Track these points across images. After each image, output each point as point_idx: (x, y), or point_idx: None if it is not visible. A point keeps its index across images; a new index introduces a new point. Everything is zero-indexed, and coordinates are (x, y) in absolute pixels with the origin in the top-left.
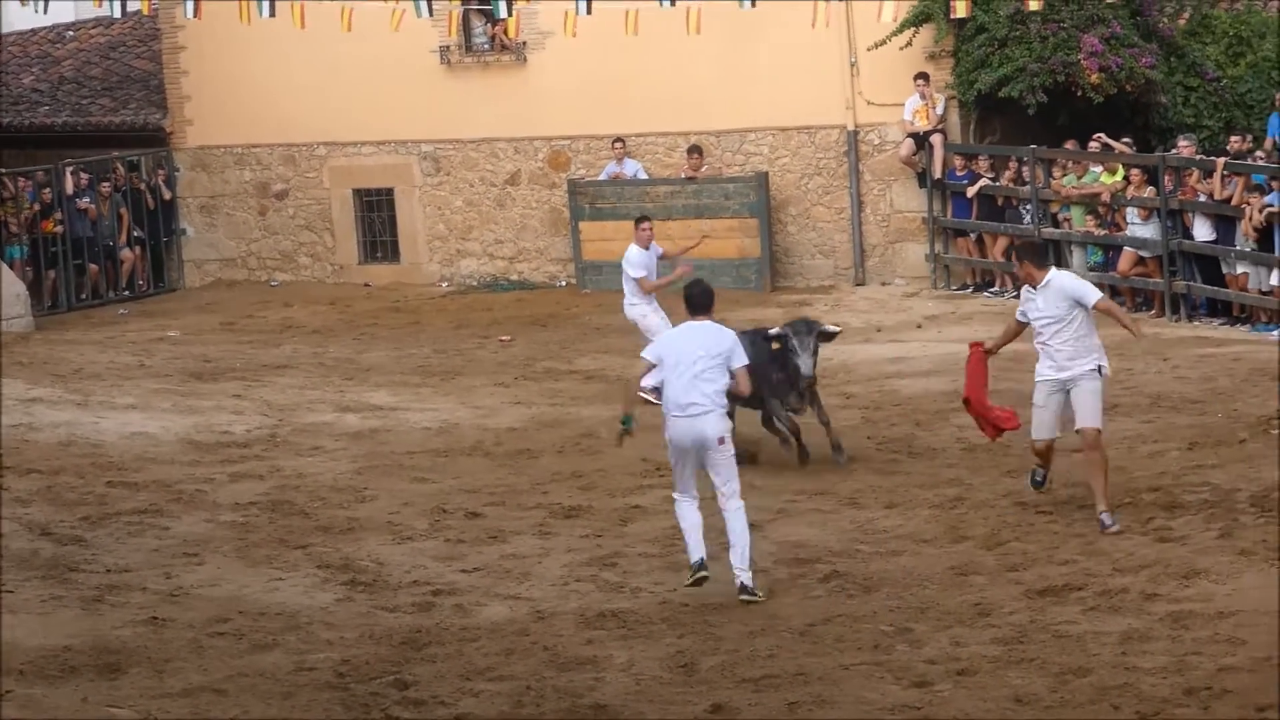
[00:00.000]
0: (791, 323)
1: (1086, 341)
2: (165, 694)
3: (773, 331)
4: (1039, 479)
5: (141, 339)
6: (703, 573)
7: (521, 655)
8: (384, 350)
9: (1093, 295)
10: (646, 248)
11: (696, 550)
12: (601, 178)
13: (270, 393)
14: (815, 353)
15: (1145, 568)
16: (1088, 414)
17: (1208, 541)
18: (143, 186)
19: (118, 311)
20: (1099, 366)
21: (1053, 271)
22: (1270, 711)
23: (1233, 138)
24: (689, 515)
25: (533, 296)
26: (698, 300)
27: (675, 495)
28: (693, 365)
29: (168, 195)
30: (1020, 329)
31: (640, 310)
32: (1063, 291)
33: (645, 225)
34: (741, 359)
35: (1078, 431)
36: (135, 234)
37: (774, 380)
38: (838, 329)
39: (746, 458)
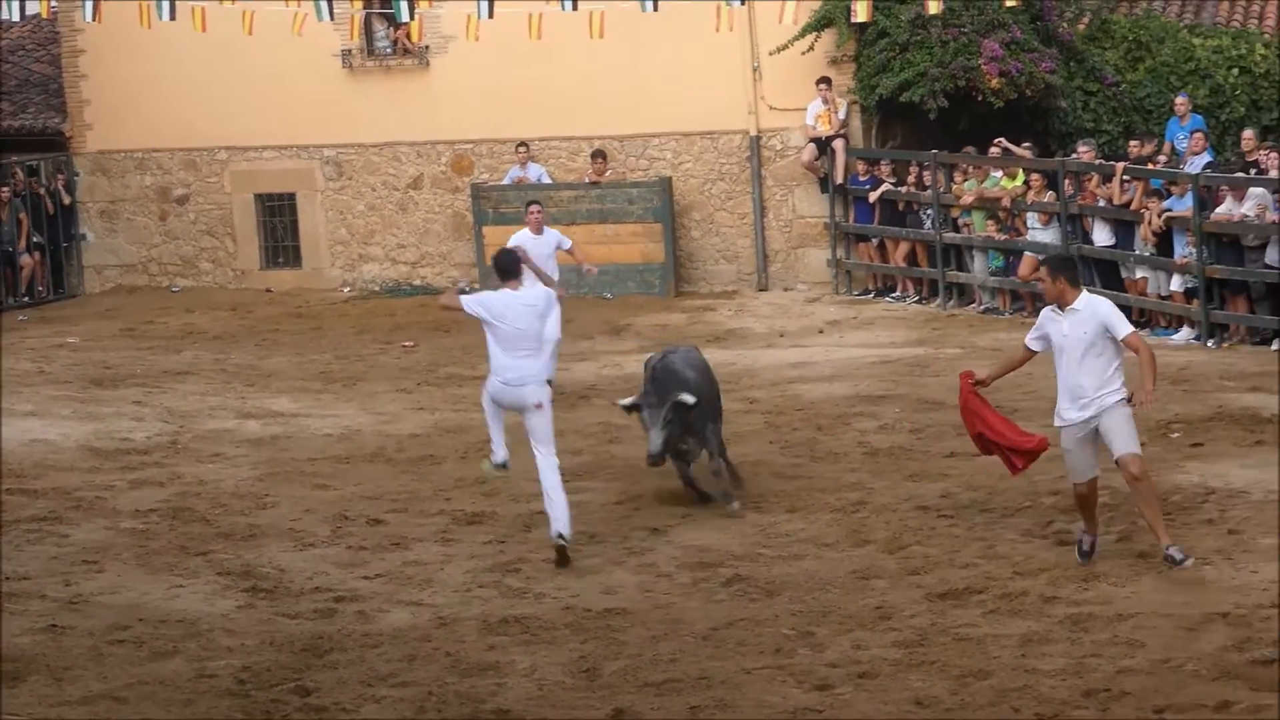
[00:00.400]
0: (644, 391)
1: (1112, 374)
2: (65, 701)
3: (624, 402)
4: (1086, 548)
5: (41, 345)
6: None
7: (424, 661)
8: (286, 356)
9: (1126, 327)
10: (538, 232)
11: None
12: (505, 182)
13: (171, 399)
14: (667, 424)
15: (1045, 571)
16: (1123, 440)
17: (1107, 545)
18: (42, 191)
19: (17, 318)
20: (1127, 397)
21: (1086, 294)
22: (1169, 713)
23: (1132, 142)
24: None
25: (435, 302)
26: (506, 267)
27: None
28: (520, 341)
29: (67, 200)
30: (1026, 358)
31: None
32: (1096, 317)
33: (534, 209)
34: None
35: (1116, 463)
36: (35, 239)
37: None
38: (693, 400)
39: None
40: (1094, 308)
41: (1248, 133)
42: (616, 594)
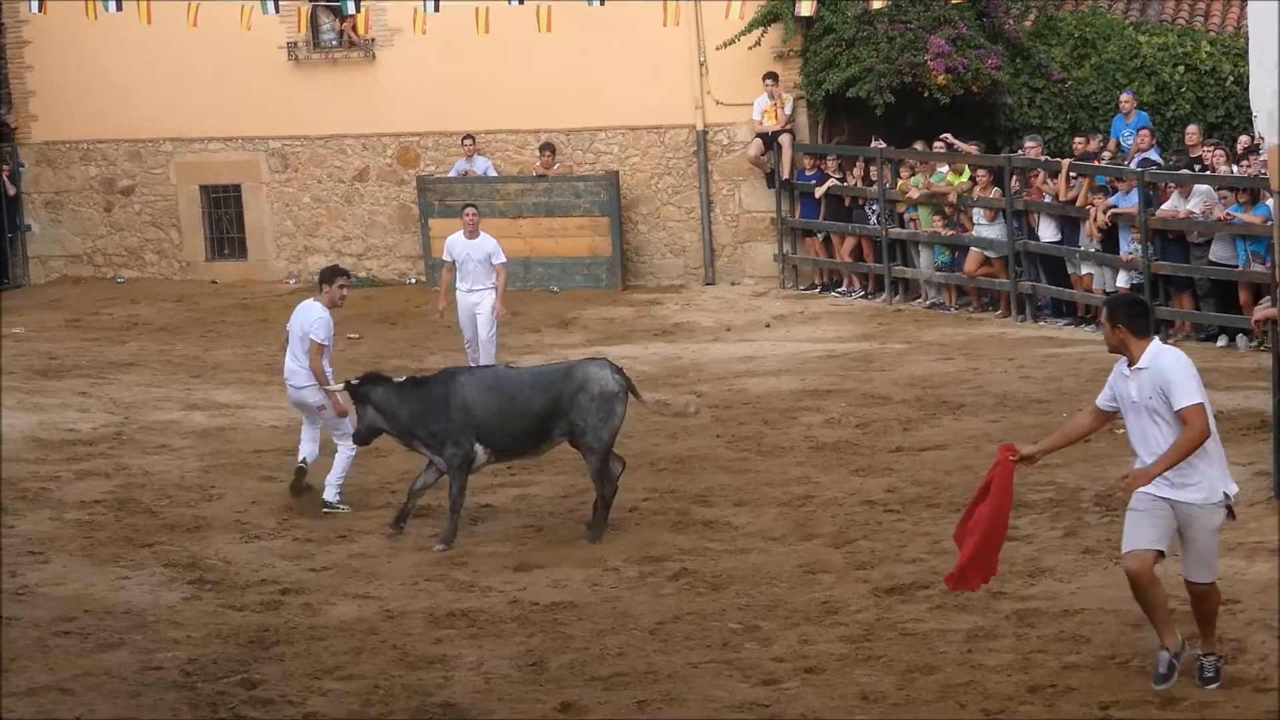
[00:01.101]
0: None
1: (1203, 456)
2: (10, 693)
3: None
4: (1164, 670)
5: None
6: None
7: (370, 654)
8: (231, 348)
9: (1185, 397)
10: (473, 236)
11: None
12: (451, 174)
13: (116, 390)
14: (362, 400)
15: None
16: (1200, 565)
17: (1053, 540)
18: None
19: None
20: (1224, 495)
21: (1154, 345)
22: (1114, 709)
23: (1077, 139)
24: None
25: (381, 294)
26: (321, 277)
27: None
28: (291, 340)
29: (12, 191)
30: (1096, 425)
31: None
32: (1160, 376)
33: (470, 212)
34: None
35: (1187, 582)
36: None
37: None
38: (358, 381)
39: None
40: (1158, 365)
41: (1192, 128)
42: (563, 588)
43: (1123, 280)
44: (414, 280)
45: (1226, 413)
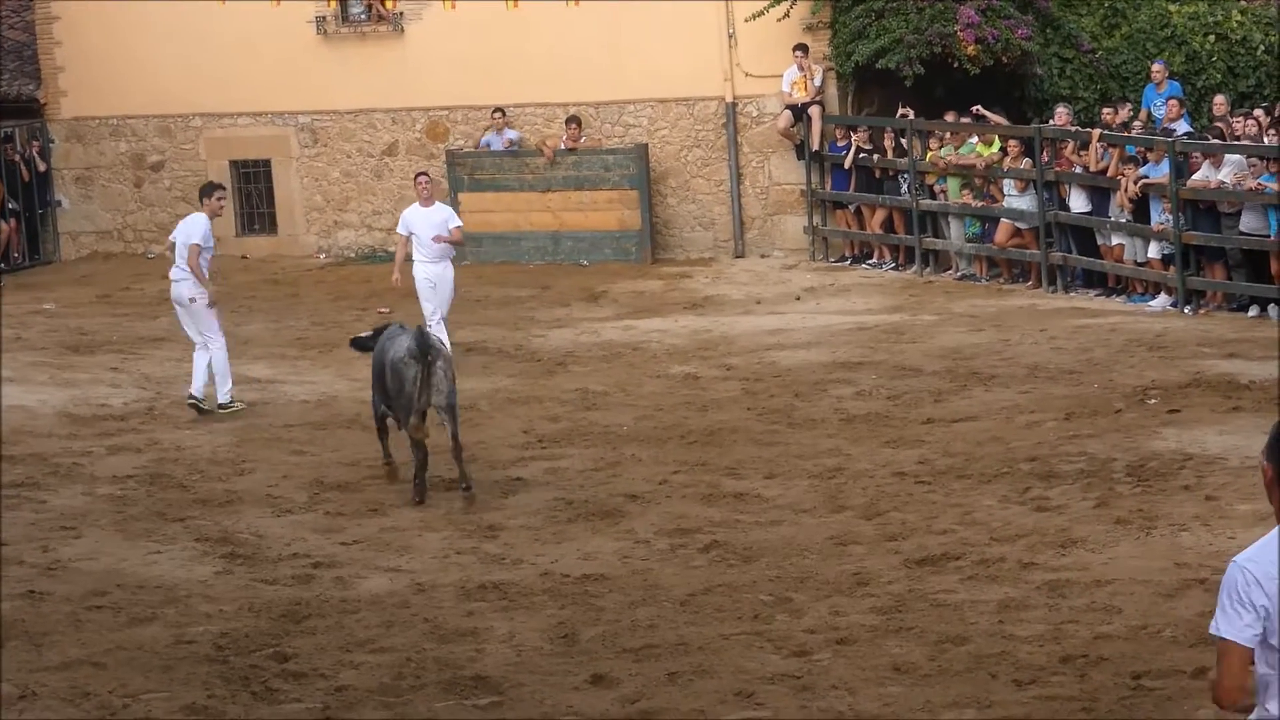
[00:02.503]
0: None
1: None
2: (43, 668)
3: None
4: None
5: (17, 312)
6: (192, 401)
7: (402, 627)
8: (262, 323)
9: None
10: (427, 205)
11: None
12: (482, 144)
13: (148, 365)
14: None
15: (1022, 537)
16: None
17: (1084, 511)
18: (17, 158)
19: None
20: None
21: None
22: (1146, 679)
23: (1106, 110)
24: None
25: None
26: (201, 191)
27: None
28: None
29: (42, 167)
30: None
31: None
32: None
33: (422, 179)
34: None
35: None
36: (10, 206)
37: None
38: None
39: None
40: None
41: (1219, 99)
42: (594, 560)
43: (1153, 250)
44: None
45: (1259, 383)
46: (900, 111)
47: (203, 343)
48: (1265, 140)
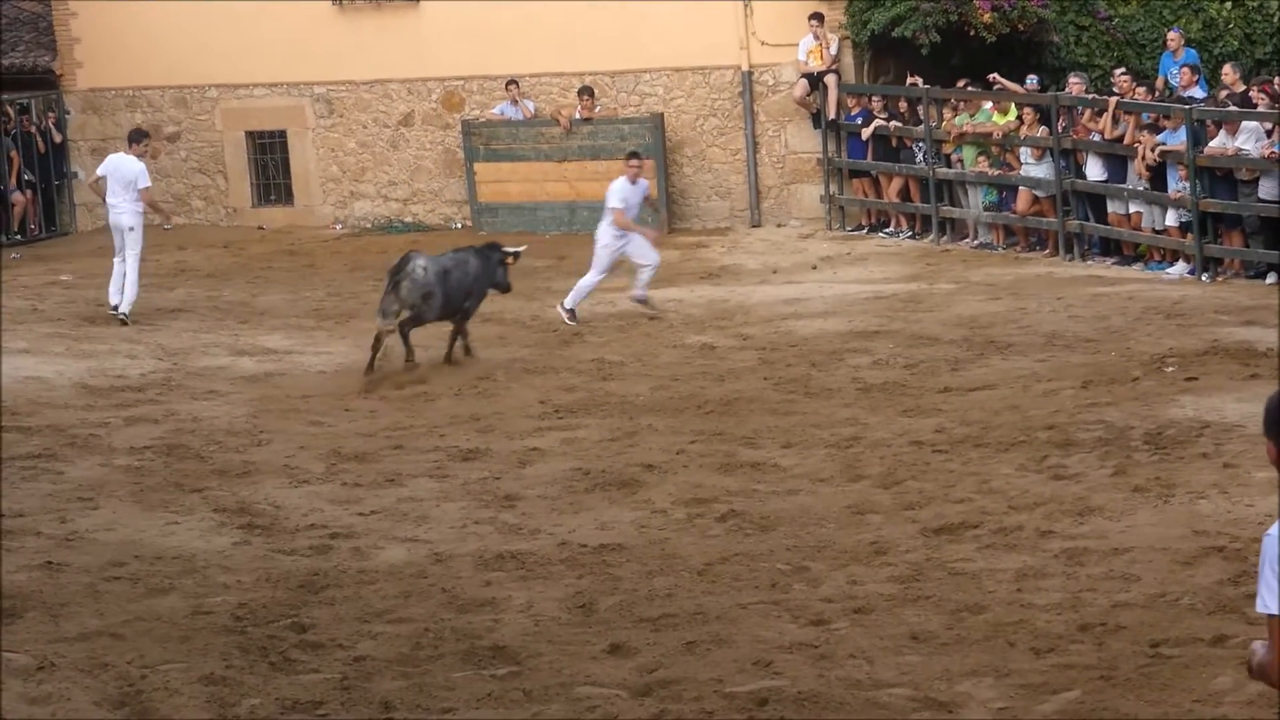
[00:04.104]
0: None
1: None
2: (61, 638)
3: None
4: None
5: (34, 283)
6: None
7: (420, 598)
8: (278, 293)
9: None
10: (634, 183)
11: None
12: (495, 112)
13: (164, 336)
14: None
15: (1040, 505)
16: None
17: (1102, 479)
18: (33, 129)
19: (9, 255)
20: None
21: None
22: (1164, 647)
23: (1122, 78)
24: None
25: (427, 239)
26: (131, 137)
27: None
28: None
29: (59, 138)
30: None
31: (605, 236)
32: None
33: (634, 162)
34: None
35: None
36: (26, 177)
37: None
38: None
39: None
40: None
41: (1227, 68)
42: (612, 530)
43: (1171, 218)
44: (460, 225)
45: (1276, 350)
46: (909, 81)
47: (124, 258)
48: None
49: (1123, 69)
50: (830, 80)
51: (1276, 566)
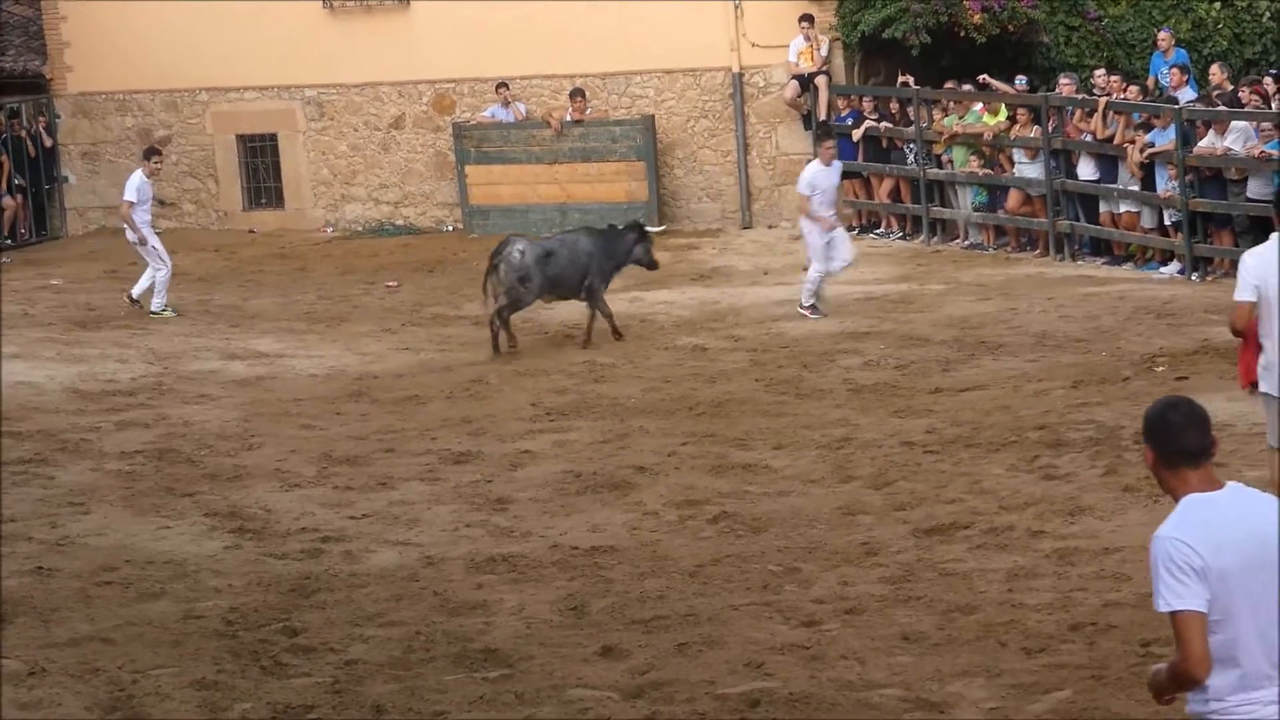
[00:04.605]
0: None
1: None
2: (52, 644)
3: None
4: None
5: (24, 287)
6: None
7: (411, 601)
8: (270, 297)
9: None
10: (828, 165)
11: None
12: (485, 115)
13: (155, 341)
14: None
15: (1031, 505)
16: None
17: (1093, 479)
18: (23, 134)
19: (1, 260)
20: None
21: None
22: (1155, 646)
23: (1098, 77)
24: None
25: (419, 242)
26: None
27: None
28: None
29: (49, 142)
30: None
31: (806, 224)
32: None
33: (829, 143)
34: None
35: None
36: (16, 182)
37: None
38: None
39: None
40: None
41: (1215, 68)
42: (603, 532)
43: (1166, 218)
44: (451, 228)
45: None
46: (900, 80)
47: (153, 266)
48: (1273, 106)
49: (1103, 69)
50: (821, 82)
51: (1171, 566)
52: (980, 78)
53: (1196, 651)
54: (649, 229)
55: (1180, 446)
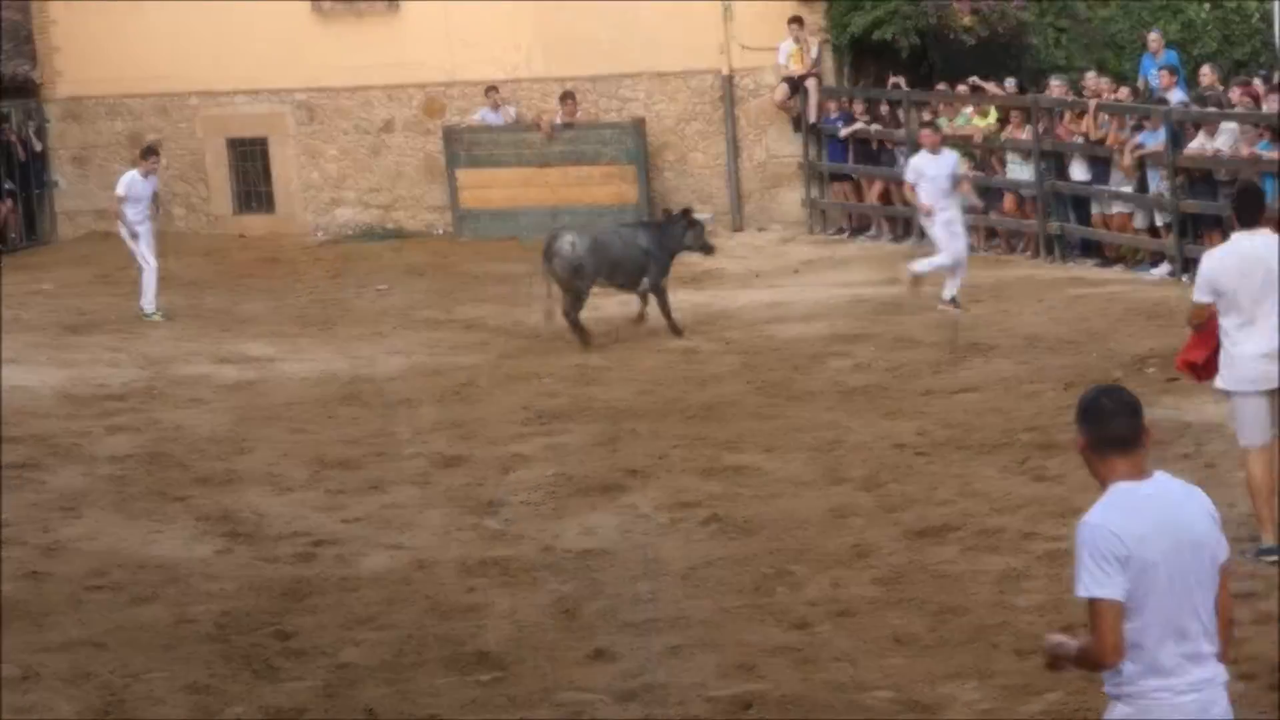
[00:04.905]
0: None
1: None
2: (45, 648)
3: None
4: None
5: (16, 292)
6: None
7: (403, 604)
8: (261, 301)
9: None
10: (935, 153)
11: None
12: (475, 118)
13: (146, 345)
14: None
15: (1022, 507)
16: None
17: (1084, 480)
18: (14, 138)
19: None
20: None
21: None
22: None
23: (1088, 79)
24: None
25: (409, 245)
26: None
27: None
28: None
29: (39, 147)
30: None
31: (924, 221)
32: None
33: (927, 132)
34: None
35: None
36: (7, 186)
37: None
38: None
39: None
40: None
41: (1205, 69)
42: (595, 534)
43: (1158, 220)
44: (441, 231)
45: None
46: (891, 82)
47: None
48: (1264, 108)
49: (1093, 71)
50: (811, 84)
51: (1095, 554)
52: (970, 80)
53: (1110, 639)
54: (697, 216)
55: (1111, 433)
